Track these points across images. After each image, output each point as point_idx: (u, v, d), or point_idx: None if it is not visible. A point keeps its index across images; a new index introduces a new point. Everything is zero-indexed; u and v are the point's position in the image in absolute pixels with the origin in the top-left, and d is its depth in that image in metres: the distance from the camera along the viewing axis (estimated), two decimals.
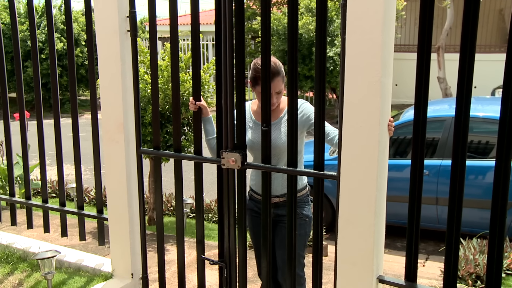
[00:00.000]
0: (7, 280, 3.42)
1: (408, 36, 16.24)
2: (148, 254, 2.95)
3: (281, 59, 13.93)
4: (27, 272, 3.51)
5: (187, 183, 2.70)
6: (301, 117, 2.45)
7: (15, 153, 4.40)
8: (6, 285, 3.37)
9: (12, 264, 3.61)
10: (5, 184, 5.21)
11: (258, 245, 2.73)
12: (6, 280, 3.43)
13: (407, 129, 5.11)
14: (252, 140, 2.55)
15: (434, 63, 12.15)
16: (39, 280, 3.38)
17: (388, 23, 1.97)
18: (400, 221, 4.33)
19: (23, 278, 3.44)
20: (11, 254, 3.73)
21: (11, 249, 3.77)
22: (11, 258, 3.68)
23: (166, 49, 4.47)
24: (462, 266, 3.61)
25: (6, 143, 3.65)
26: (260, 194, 2.61)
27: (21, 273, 3.51)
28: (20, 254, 3.73)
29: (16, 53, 3.36)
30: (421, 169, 1.98)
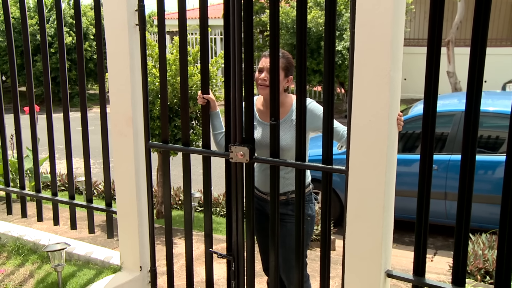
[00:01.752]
0: (19, 272, 3.46)
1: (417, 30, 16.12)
2: (156, 247, 2.97)
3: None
4: (37, 264, 3.55)
5: (195, 177, 2.71)
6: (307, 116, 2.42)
7: (25, 146, 4.43)
8: (17, 276, 3.41)
9: (23, 256, 3.65)
10: (15, 177, 5.26)
11: (261, 241, 2.75)
12: (18, 271, 3.47)
13: (415, 123, 5.09)
14: (256, 139, 2.52)
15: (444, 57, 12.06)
16: (49, 272, 3.42)
17: (398, 17, 1.96)
18: (408, 216, 4.32)
19: (34, 270, 3.48)
20: (22, 246, 3.77)
21: (22, 241, 3.81)
22: (22, 250, 3.73)
23: (174, 43, 4.48)
24: (471, 261, 3.60)
25: (16, 137, 3.68)
26: (262, 191, 2.63)
27: (32, 265, 3.55)
28: (30, 246, 3.77)
29: (26, 48, 3.37)
30: (430, 164, 1.98)
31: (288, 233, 2.53)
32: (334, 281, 3.28)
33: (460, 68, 12.17)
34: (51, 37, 13.55)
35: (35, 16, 13.86)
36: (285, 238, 2.54)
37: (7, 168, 3.82)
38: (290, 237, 2.49)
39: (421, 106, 5.56)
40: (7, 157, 3.83)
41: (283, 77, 2.46)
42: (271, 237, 2.39)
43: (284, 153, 2.43)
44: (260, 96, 2.58)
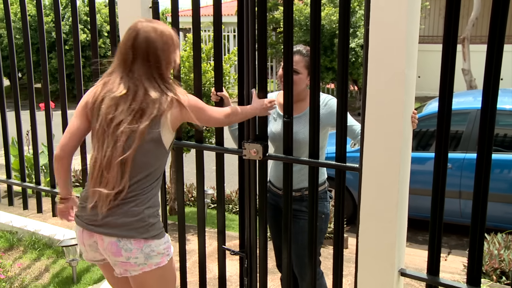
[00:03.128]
0: (34, 266, 3.52)
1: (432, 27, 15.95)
2: None
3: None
4: (52, 259, 3.60)
5: (208, 174, 2.72)
6: (326, 112, 2.44)
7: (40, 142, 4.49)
8: (33, 270, 3.46)
9: (39, 250, 3.71)
10: (31, 172, 5.33)
11: (274, 237, 2.75)
12: (34, 265, 3.52)
13: (430, 121, 5.04)
14: (274, 132, 2.56)
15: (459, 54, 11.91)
16: (64, 266, 3.47)
17: (413, 14, 1.94)
18: (422, 215, 4.29)
19: (49, 264, 3.53)
20: (38, 240, 3.82)
21: (38, 236, 3.87)
22: (37, 244, 3.78)
23: (187, 40, 4.50)
24: (486, 261, 3.56)
25: (32, 133, 3.72)
26: (277, 186, 2.63)
27: (47, 259, 3.59)
28: (46, 241, 3.82)
29: (42, 45, 3.41)
30: (445, 162, 1.96)
31: (301, 230, 2.53)
32: (347, 279, 3.27)
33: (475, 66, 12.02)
34: (65, 34, 13.67)
35: (50, 14, 13.99)
36: (298, 234, 2.54)
37: (23, 164, 3.86)
38: (303, 233, 2.49)
39: (435, 104, 5.50)
40: (23, 153, 3.87)
41: (306, 75, 2.48)
42: (284, 234, 2.39)
43: (302, 147, 2.43)
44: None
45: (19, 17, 13.80)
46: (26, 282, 3.26)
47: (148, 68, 1.93)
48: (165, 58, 1.95)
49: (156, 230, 1.97)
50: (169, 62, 1.98)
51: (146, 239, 1.92)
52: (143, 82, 1.91)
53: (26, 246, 3.79)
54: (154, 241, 1.95)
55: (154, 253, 1.95)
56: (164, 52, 1.94)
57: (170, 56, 1.97)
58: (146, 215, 1.93)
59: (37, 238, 3.85)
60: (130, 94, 1.90)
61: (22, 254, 3.70)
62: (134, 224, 1.91)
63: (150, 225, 1.94)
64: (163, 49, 1.94)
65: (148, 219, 1.93)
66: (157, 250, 1.96)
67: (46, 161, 5.19)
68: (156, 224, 1.98)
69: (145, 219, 1.92)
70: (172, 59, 1.99)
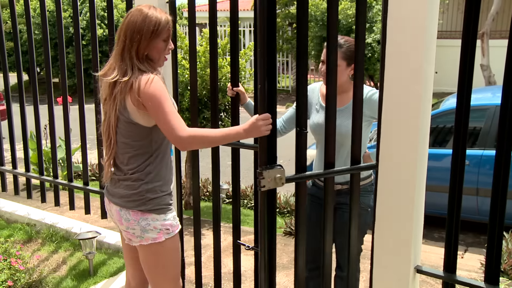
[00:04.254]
0: (52, 258, 3.57)
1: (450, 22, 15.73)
2: (184, 238, 3.00)
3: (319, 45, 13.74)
4: (69, 251, 3.65)
5: (223, 169, 2.73)
6: (369, 105, 2.42)
7: (58, 136, 4.54)
8: (51, 262, 3.51)
9: (56, 243, 3.76)
10: (48, 166, 5.41)
11: (312, 232, 2.59)
12: (51, 257, 3.58)
13: (446, 117, 4.99)
14: (316, 124, 2.57)
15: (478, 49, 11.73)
16: (81, 259, 3.51)
17: (432, 8, 1.91)
18: (438, 211, 4.25)
19: (66, 257, 3.58)
20: (55, 233, 3.88)
21: (55, 229, 3.93)
22: (55, 237, 3.84)
23: (203, 35, 4.50)
24: (504, 260, 3.52)
25: (50, 127, 3.77)
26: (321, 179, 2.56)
27: (65, 252, 3.65)
28: (63, 234, 3.88)
29: (60, 40, 3.44)
30: (463, 159, 1.93)
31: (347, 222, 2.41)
32: (362, 275, 3.26)
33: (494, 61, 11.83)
34: (82, 29, 13.79)
35: (68, 9, 14.12)
36: (345, 226, 2.43)
37: (41, 158, 3.92)
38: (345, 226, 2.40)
39: (452, 100, 5.44)
40: (41, 147, 3.93)
41: (345, 67, 2.48)
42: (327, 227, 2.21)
43: (344, 140, 2.44)
44: None
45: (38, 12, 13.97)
46: (44, 274, 3.31)
47: (123, 47, 1.96)
48: (142, 39, 1.94)
49: (155, 205, 2.03)
50: (148, 45, 1.96)
51: (143, 212, 2.02)
52: (116, 61, 1.98)
53: (44, 238, 3.85)
54: (151, 215, 2.03)
55: (150, 227, 2.03)
56: (140, 33, 1.93)
57: (150, 39, 1.95)
58: (143, 189, 2.03)
59: (55, 231, 3.91)
60: (108, 73, 1.98)
61: (40, 246, 3.76)
62: (132, 197, 2.04)
63: (148, 199, 2.03)
64: (140, 30, 1.93)
65: (145, 193, 2.03)
66: (154, 224, 2.03)
67: (63, 155, 5.26)
68: (156, 200, 2.04)
69: (143, 194, 2.03)
70: (154, 44, 1.97)
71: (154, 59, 2.02)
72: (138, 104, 1.93)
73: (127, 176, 2.06)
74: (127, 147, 2.05)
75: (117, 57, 1.98)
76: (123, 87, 1.93)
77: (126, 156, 2.05)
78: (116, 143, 2.05)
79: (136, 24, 1.94)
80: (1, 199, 4.55)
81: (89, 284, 3.19)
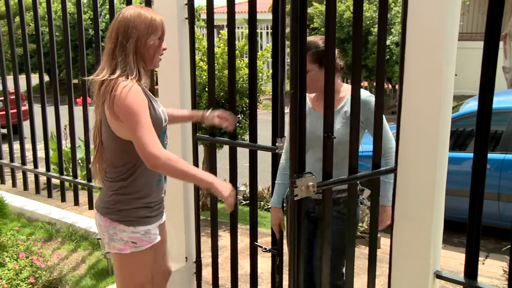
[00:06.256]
0: (72, 257, 3.62)
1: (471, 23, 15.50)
2: (201, 239, 3.02)
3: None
4: (88, 250, 3.69)
5: (240, 170, 2.72)
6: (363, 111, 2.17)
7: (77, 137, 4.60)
8: (71, 261, 3.56)
9: (76, 242, 3.81)
10: (68, 166, 5.48)
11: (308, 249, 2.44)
12: (71, 256, 3.62)
13: (467, 121, 4.91)
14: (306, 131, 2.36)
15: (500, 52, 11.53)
16: (99, 258, 3.55)
17: (453, 10, 1.89)
18: (457, 216, 4.18)
19: (85, 256, 3.62)
20: (75, 232, 3.93)
21: (75, 228, 3.98)
22: (74, 236, 3.89)
23: (221, 36, 4.52)
24: None
25: (69, 128, 3.83)
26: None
27: (84, 251, 3.69)
28: (82, 233, 3.93)
29: (80, 42, 3.49)
30: (484, 163, 1.90)
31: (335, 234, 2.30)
32: (379, 279, 3.22)
33: None
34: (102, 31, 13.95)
35: (88, 11, 14.32)
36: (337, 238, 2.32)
37: (61, 158, 3.98)
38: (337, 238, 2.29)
39: (472, 103, 5.35)
40: (61, 147, 3.98)
41: (318, 70, 2.18)
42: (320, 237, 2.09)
43: (338, 147, 2.11)
44: None
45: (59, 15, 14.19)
46: (64, 272, 3.35)
47: (114, 46, 1.88)
48: (138, 35, 1.85)
49: (124, 217, 1.97)
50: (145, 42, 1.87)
51: (111, 221, 1.98)
52: (106, 61, 1.90)
53: (64, 237, 3.90)
54: (120, 225, 1.97)
55: (117, 237, 1.98)
56: (136, 28, 1.85)
57: (146, 35, 1.87)
58: (114, 199, 1.98)
59: (74, 230, 3.96)
60: (98, 74, 1.89)
61: (60, 245, 3.81)
62: (105, 204, 2.01)
63: (117, 209, 1.98)
64: (136, 26, 1.85)
65: (116, 203, 1.98)
66: (121, 235, 1.97)
67: (83, 155, 5.33)
68: (127, 211, 1.97)
69: (113, 203, 1.98)
70: (150, 41, 1.88)
71: (148, 59, 1.92)
72: (112, 113, 1.83)
73: (105, 182, 2.02)
74: (108, 153, 1.97)
75: (108, 56, 1.89)
76: (106, 87, 1.84)
77: (107, 162, 1.99)
78: (102, 146, 1.98)
79: (131, 20, 1.86)
80: (23, 198, 4.63)
81: (108, 283, 3.22)
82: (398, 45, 12.28)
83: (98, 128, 1.96)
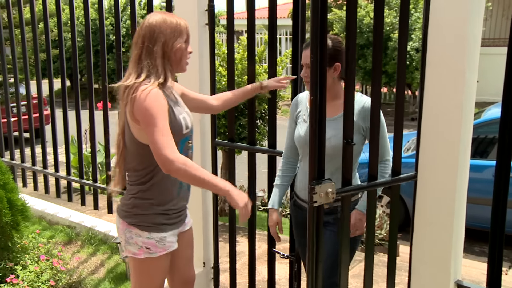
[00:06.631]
0: (91, 260, 3.65)
1: (494, 29, 15.27)
2: (219, 244, 3.02)
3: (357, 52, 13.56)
4: (107, 254, 3.72)
5: (258, 176, 2.72)
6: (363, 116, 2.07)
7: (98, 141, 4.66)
8: (90, 264, 3.60)
9: (95, 246, 3.85)
10: (88, 170, 5.55)
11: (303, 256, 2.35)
12: (90, 260, 3.66)
13: (488, 128, 4.83)
14: (302, 135, 2.17)
15: None
16: (118, 262, 3.58)
17: (476, 15, 1.87)
18: (478, 224, 4.12)
19: (104, 260, 3.65)
20: (94, 236, 3.97)
21: (94, 232, 4.02)
22: (93, 240, 3.92)
23: (240, 42, 4.54)
24: None
25: (90, 132, 3.87)
26: (305, 200, 2.17)
27: (102, 255, 3.72)
28: (101, 237, 3.96)
29: (102, 47, 3.54)
30: (508, 170, 1.86)
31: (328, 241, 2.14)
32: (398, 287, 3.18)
33: None
34: (122, 36, 14.14)
35: (109, 17, 14.53)
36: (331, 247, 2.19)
37: (81, 162, 4.02)
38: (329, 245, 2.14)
39: (495, 109, 5.27)
40: (81, 151, 4.04)
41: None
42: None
43: (335, 154, 1.99)
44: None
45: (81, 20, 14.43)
46: (83, 275, 3.39)
47: (140, 52, 1.89)
48: (165, 38, 1.87)
49: (140, 221, 1.97)
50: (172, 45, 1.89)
51: (128, 224, 1.99)
52: (133, 67, 1.91)
53: (83, 241, 3.94)
54: (135, 229, 1.98)
55: (132, 241, 1.99)
56: (163, 32, 1.87)
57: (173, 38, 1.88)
58: (132, 203, 1.99)
59: (93, 234, 4.00)
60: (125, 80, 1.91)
61: (80, 248, 3.85)
62: (124, 207, 2.02)
63: (134, 213, 1.99)
64: (162, 30, 1.87)
65: (133, 208, 1.99)
66: (136, 239, 1.98)
67: (103, 159, 5.39)
68: (143, 216, 1.97)
69: (131, 206, 1.99)
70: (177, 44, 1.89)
71: (176, 62, 1.93)
72: (132, 116, 1.85)
73: (127, 185, 2.03)
74: (130, 156, 1.98)
75: (134, 63, 1.91)
76: (129, 90, 1.85)
77: (129, 165, 2.00)
78: (125, 150, 1.99)
79: (156, 26, 1.87)
80: (44, 201, 4.70)
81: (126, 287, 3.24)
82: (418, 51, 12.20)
83: (121, 132, 1.98)
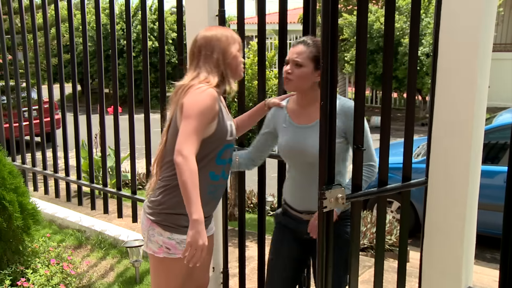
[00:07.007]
0: (101, 264, 3.67)
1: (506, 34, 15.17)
2: (228, 249, 3.02)
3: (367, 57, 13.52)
4: (117, 258, 3.74)
5: (267, 181, 2.72)
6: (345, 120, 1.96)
7: (108, 145, 4.68)
8: (100, 268, 3.61)
9: (105, 250, 3.86)
10: (98, 174, 5.58)
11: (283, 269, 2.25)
12: (100, 264, 3.68)
13: (499, 133, 4.78)
14: (284, 145, 2.10)
15: None
16: (127, 266, 3.59)
17: (488, 21, 1.86)
18: (490, 231, 4.08)
19: (114, 264, 3.66)
20: (104, 240, 3.99)
21: (104, 236, 4.03)
22: (103, 244, 3.94)
23: (250, 47, 4.55)
24: None
25: (100, 136, 3.90)
26: (297, 209, 2.15)
27: (112, 259, 3.74)
28: (111, 241, 3.98)
29: (113, 53, 3.57)
30: None
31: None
32: None
33: None
34: (133, 41, 14.25)
35: (120, 22, 14.66)
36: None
37: (92, 166, 4.05)
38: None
39: (506, 115, 5.22)
40: (92, 156, 4.06)
41: (312, 70, 1.97)
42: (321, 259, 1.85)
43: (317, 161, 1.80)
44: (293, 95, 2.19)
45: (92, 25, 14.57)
46: (93, 279, 3.40)
47: (198, 60, 1.99)
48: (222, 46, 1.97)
49: (164, 221, 1.99)
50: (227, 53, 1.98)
51: (152, 222, 2.00)
52: (187, 75, 2.00)
53: (93, 245, 3.96)
54: (158, 228, 1.99)
55: (154, 239, 2.00)
56: (219, 40, 1.98)
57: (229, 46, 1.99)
58: (160, 200, 2.00)
59: (103, 238, 4.02)
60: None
61: (90, 252, 3.87)
62: (151, 203, 2.03)
63: (160, 211, 1.99)
64: (218, 39, 1.98)
65: (159, 205, 2.00)
66: (157, 238, 2.00)
67: (112, 164, 5.42)
68: (168, 216, 1.98)
69: (158, 204, 2.00)
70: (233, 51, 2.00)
71: (233, 69, 2.02)
72: (181, 106, 1.91)
73: (158, 182, 2.03)
74: (169, 151, 1.97)
75: (193, 71, 1.99)
76: (184, 88, 1.93)
77: (166, 159, 2.01)
78: (165, 146, 2.02)
79: (212, 37, 1.99)
80: (55, 205, 4.73)
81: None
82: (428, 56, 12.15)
83: (167, 128, 2.03)
